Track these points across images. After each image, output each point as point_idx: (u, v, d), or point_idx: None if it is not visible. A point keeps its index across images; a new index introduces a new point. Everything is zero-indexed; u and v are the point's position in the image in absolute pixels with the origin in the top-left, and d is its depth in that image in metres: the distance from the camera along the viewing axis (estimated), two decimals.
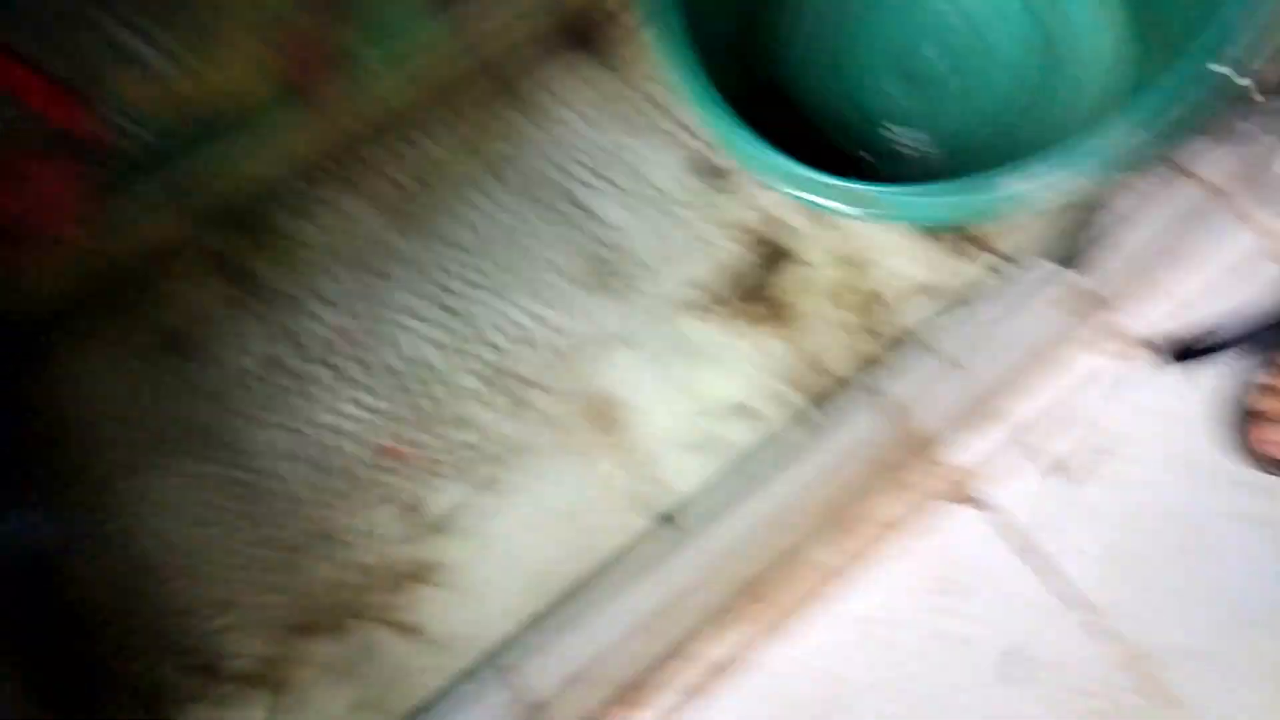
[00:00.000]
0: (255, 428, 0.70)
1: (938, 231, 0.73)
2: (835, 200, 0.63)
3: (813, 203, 0.63)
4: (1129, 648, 0.63)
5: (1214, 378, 0.70)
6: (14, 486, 0.68)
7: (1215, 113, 0.60)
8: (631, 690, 0.64)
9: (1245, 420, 0.67)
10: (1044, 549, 0.66)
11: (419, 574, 0.67)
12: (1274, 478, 0.67)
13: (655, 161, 0.77)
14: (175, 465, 0.69)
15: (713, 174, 0.76)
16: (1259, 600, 0.64)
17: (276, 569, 0.66)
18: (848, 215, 0.63)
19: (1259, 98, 0.64)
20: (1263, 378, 0.68)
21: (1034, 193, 0.60)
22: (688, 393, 0.69)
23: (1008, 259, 0.73)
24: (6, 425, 0.69)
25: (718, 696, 0.64)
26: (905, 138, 0.76)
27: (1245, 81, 0.62)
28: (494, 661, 0.63)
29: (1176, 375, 0.70)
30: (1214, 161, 0.75)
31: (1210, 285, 0.73)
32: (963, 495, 0.68)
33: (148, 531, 0.67)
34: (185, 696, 0.63)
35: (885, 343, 0.71)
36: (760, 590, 0.67)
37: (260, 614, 0.65)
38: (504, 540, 0.66)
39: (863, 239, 0.74)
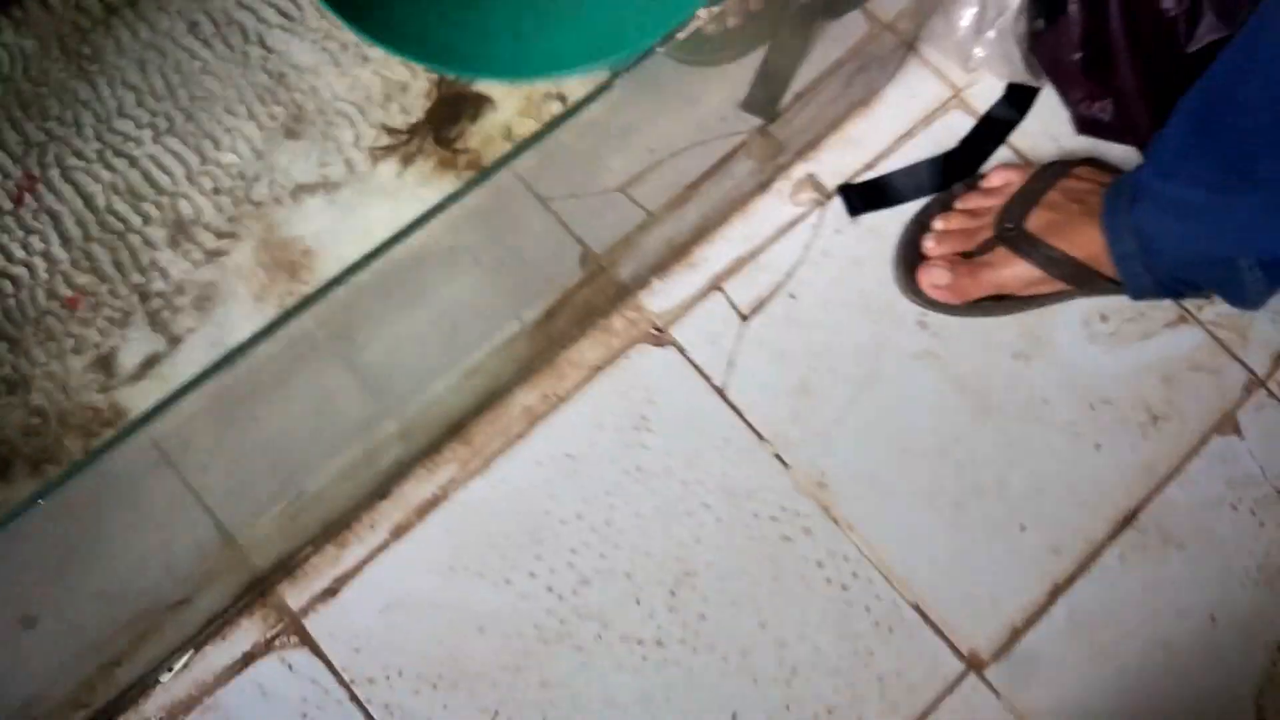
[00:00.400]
0: None
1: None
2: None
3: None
4: (810, 478, 0.68)
5: (892, 221, 0.75)
6: None
7: None
8: (339, 529, 0.65)
9: (915, 261, 0.73)
10: (733, 387, 0.70)
11: (113, 420, 0.65)
12: (940, 316, 0.73)
13: None
14: None
15: None
16: (922, 431, 0.70)
17: None
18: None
19: None
20: (932, 221, 0.73)
21: None
22: (376, 239, 0.69)
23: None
24: None
25: (424, 532, 0.65)
26: None
27: None
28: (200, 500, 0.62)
29: (860, 222, 0.75)
30: (903, 13, 0.79)
31: (896, 132, 0.77)
32: (662, 339, 0.71)
33: None
34: None
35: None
36: (468, 434, 0.68)
37: None
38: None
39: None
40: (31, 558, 0.56)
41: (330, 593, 0.63)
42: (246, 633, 0.62)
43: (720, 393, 0.70)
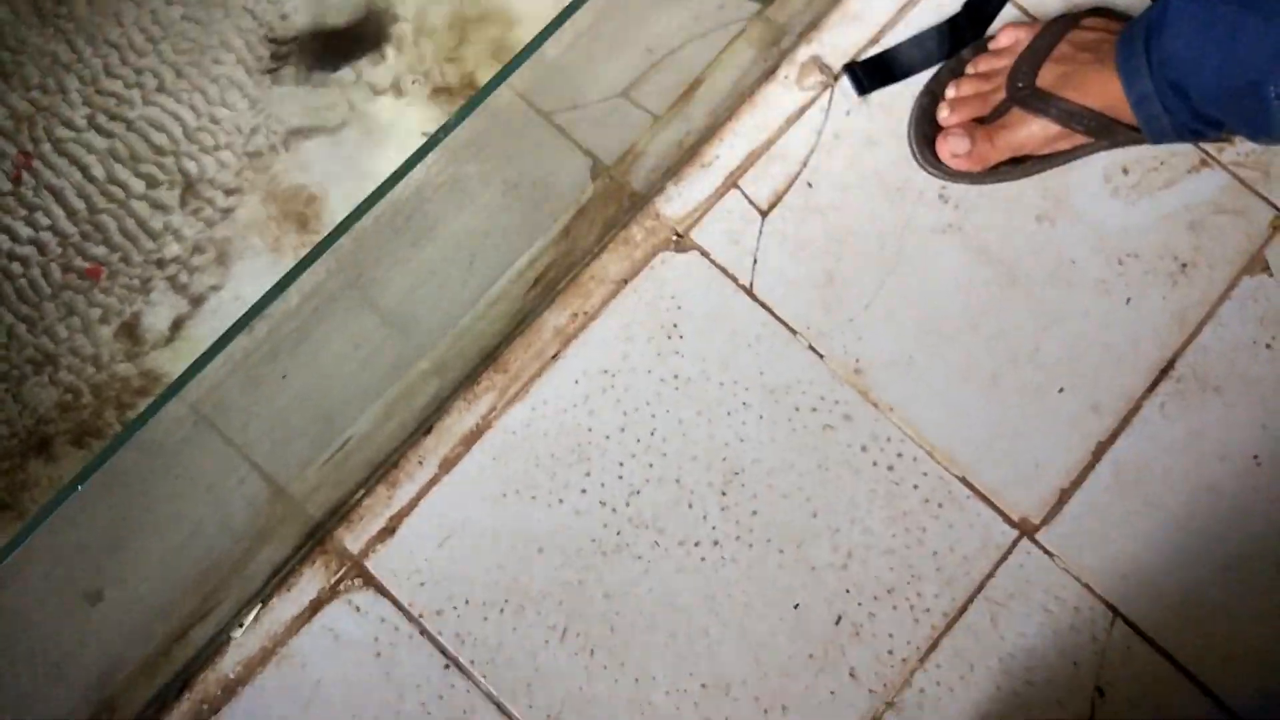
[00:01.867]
0: None
1: None
2: None
3: None
4: (845, 365, 0.63)
5: (903, 95, 0.68)
6: None
7: None
8: (388, 469, 0.62)
9: (930, 132, 0.66)
10: (761, 285, 0.65)
11: (147, 388, 0.61)
12: (957, 185, 0.67)
13: None
14: None
15: None
16: (952, 306, 0.65)
17: (2, 404, 0.59)
18: None
19: None
20: (944, 89, 0.66)
21: None
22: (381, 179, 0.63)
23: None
24: None
25: (472, 462, 0.61)
26: None
27: None
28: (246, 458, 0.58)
29: (870, 100, 0.68)
30: None
31: (898, 3, 0.70)
32: (683, 244, 0.65)
33: None
34: None
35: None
36: (503, 361, 0.63)
37: None
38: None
39: None
40: (88, 534, 0.53)
41: (388, 532, 0.60)
42: (311, 581, 0.59)
43: (748, 291, 0.65)
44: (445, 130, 0.54)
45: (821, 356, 0.64)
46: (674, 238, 0.66)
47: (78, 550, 0.53)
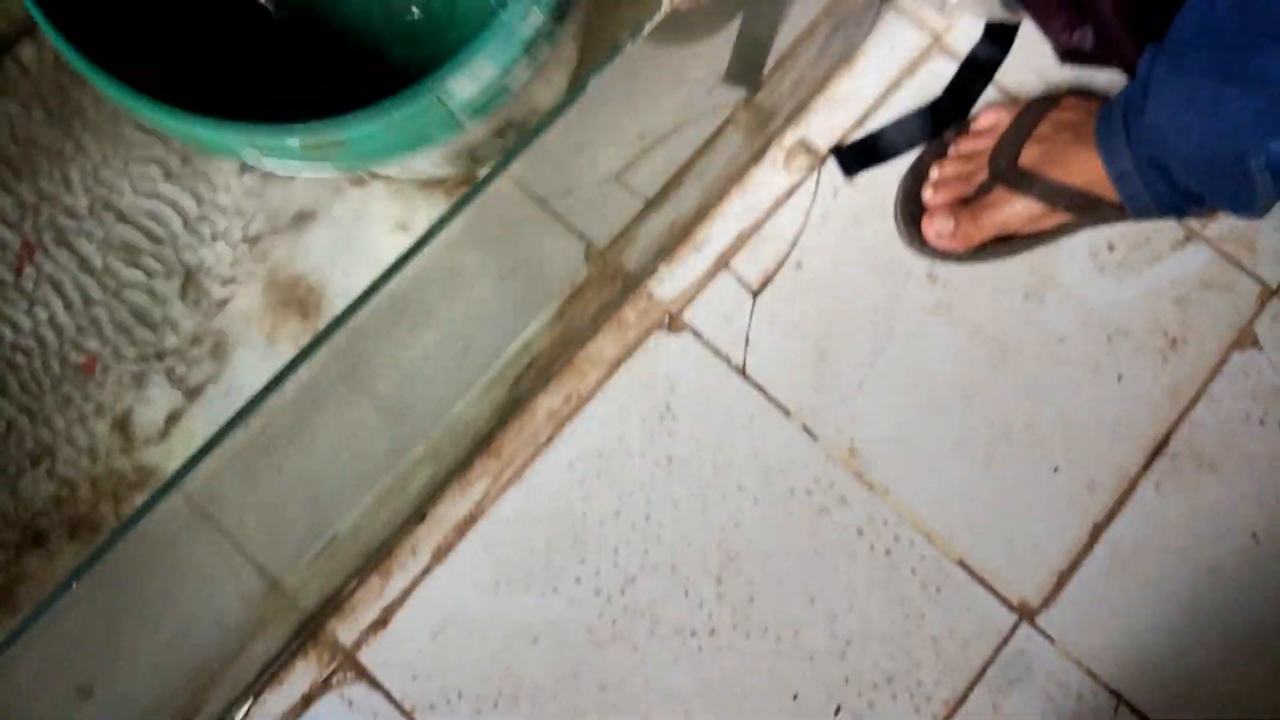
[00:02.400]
0: None
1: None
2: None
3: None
4: (840, 446, 0.62)
5: (889, 177, 0.68)
6: None
7: None
8: (381, 559, 0.60)
9: (916, 213, 0.66)
10: (754, 365, 0.64)
11: (142, 481, 0.59)
12: (944, 265, 0.67)
13: None
14: None
15: None
16: (944, 384, 0.64)
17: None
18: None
19: None
20: (928, 170, 0.66)
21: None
22: (381, 264, 0.62)
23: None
24: None
25: (466, 550, 0.60)
26: None
27: None
28: (239, 550, 0.57)
29: (856, 182, 0.68)
30: None
31: (882, 86, 0.70)
32: (676, 325, 0.65)
33: None
34: None
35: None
36: (497, 446, 0.62)
37: None
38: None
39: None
40: (79, 629, 0.51)
41: (380, 624, 0.58)
42: (303, 674, 0.57)
43: (741, 372, 0.64)
44: (447, 218, 0.54)
45: (815, 438, 0.63)
46: (667, 319, 0.65)
47: (69, 644, 0.51)
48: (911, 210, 0.67)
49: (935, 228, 0.65)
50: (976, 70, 0.73)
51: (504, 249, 0.65)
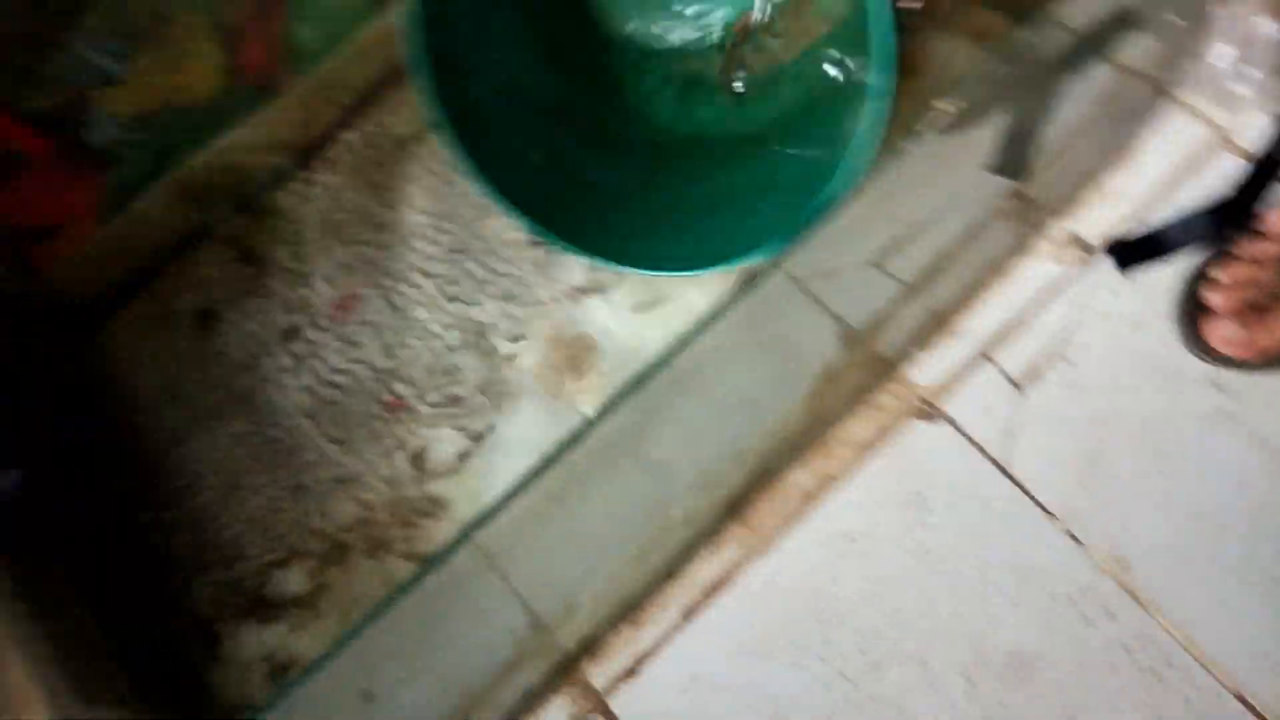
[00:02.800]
0: (281, 390, 0.68)
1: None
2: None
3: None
4: (1108, 555, 0.59)
5: (1168, 276, 0.64)
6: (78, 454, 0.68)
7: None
8: (633, 610, 0.62)
9: (1199, 316, 0.62)
10: (1015, 460, 0.62)
11: (431, 510, 0.65)
12: (1229, 372, 0.62)
13: None
14: (219, 428, 0.68)
15: None
16: (1227, 500, 0.59)
17: (311, 513, 0.66)
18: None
19: None
20: (1213, 272, 0.62)
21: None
22: (662, 330, 0.66)
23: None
24: (71, 401, 0.70)
25: (713, 613, 0.61)
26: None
27: None
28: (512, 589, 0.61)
29: (1131, 277, 0.65)
30: (1151, 59, 0.68)
31: (1161, 182, 0.67)
32: (932, 413, 0.64)
33: (204, 487, 0.67)
34: (239, 618, 0.64)
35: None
36: (746, 514, 0.63)
37: (300, 551, 0.64)
38: (501, 481, 0.64)
39: None
40: (375, 640, 0.56)
41: (631, 673, 0.60)
42: (556, 712, 0.60)
43: (1000, 467, 0.62)
44: (729, 306, 0.57)
45: (1081, 544, 0.60)
46: (923, 406, 0.64)
47: (363, 650, 0.57)
48: (1194, 312, 0.63)
49: (1222, 333, 0.61)
50: (1267, 167, 0.68)
51: (761, 325, 0.67)
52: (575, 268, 0.70)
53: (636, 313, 0.68)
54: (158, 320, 0.72)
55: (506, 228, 0.71)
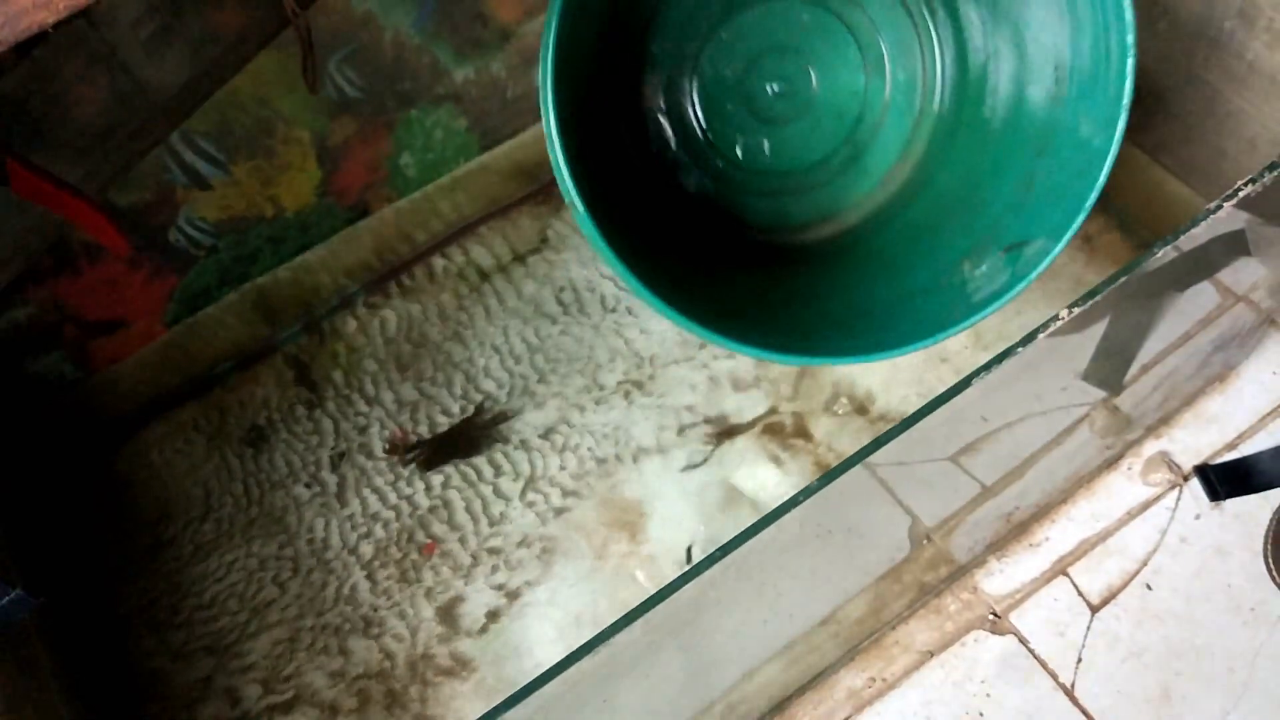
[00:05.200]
0: (319, 518, 0.68)
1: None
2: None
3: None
4: None
5: (1259, 507, 0.63)
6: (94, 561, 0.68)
7: None
8: None
9: None
10: (1084, 688, 0.59)
11: (454, 670, 0.63)
12: None
13: None
14: (248, 548, 0.67)
15: None
16: None
17: (330, 652, 0.63)
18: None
19: None
20: None
21: None
22: (718, 506, 0.66)
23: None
24: (98, 505, 0.70)
25: None
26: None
27: None
28: None
29: (1220, 506, 0.64)
30: (1258, 285, 0.70)
31: (1259, 411, 0.66)
32: (1000, 625, 0.62)
33: (223, 612, 0.66)
34: None
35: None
36: (790, 713, 0.61)
37: (313, 693, 0.62)
38: (532, 645, 0.62)
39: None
40: None
41: None
42: None
43: (1067, 691, 0.60)
44: (806, 493, 0.57)
45: None
46: (991, 617, 0.63)
47: None
48: None
49: None
50: None
51: (827, 509, 0.67)
52: (644, 426, 0.69)
53: (689, 487, 0.68)
54: (204, 430, 0.72)
55: (575, 374, 0.72)
